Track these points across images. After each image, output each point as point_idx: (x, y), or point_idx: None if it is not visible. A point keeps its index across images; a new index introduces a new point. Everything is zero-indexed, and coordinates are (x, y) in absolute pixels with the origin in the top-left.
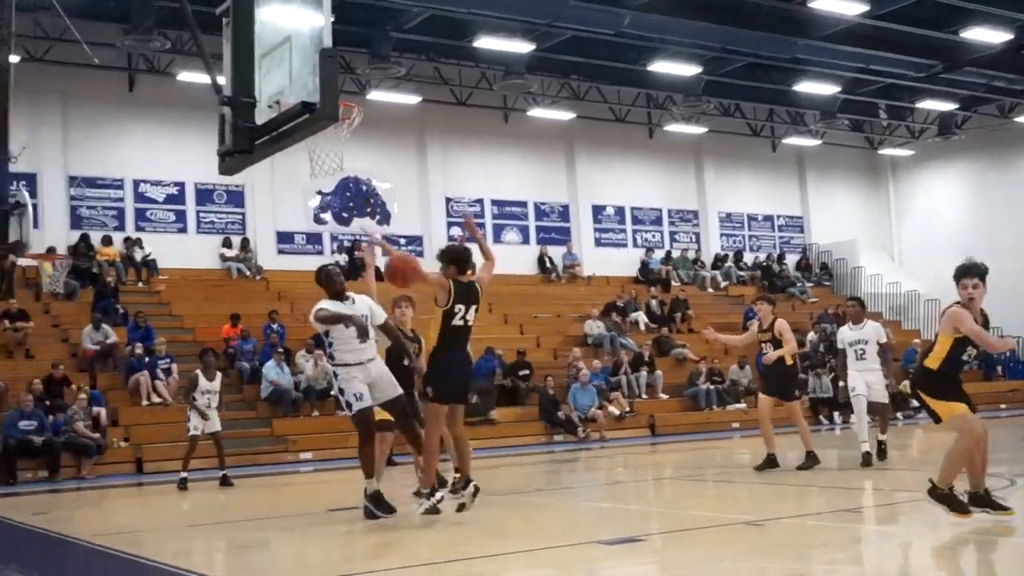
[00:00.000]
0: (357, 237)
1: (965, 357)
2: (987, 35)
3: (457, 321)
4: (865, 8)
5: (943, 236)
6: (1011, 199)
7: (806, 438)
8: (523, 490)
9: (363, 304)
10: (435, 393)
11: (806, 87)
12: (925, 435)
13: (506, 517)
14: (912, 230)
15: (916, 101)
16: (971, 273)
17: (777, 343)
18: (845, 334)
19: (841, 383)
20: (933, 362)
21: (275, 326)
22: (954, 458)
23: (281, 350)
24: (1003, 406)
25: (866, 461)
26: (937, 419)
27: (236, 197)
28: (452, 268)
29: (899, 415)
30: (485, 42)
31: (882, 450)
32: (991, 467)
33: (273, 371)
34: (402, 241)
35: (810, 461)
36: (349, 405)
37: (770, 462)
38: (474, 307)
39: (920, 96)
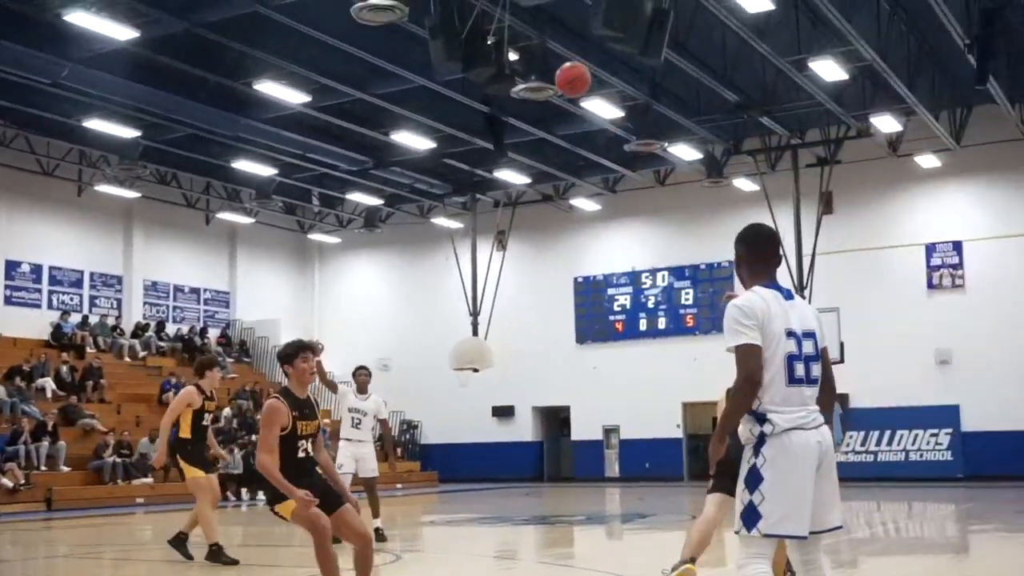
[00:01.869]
0: None
1: None
2: (413, 140)
3: None
4: (307, 99)
5: (361, 320)
6: (422, 293)
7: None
8: None
9: None
10: None
11: (244, 165)
12: None
13: None
14: (333, 313)
15: (346, 192)
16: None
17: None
18: (349, 400)
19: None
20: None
21: None
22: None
23: None
24: (399, 486)
25: (379, 538)
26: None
27: None
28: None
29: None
30: None
31: (380, 535)
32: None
33: None
34: None
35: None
36: None
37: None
38: None
39: (350, 188)
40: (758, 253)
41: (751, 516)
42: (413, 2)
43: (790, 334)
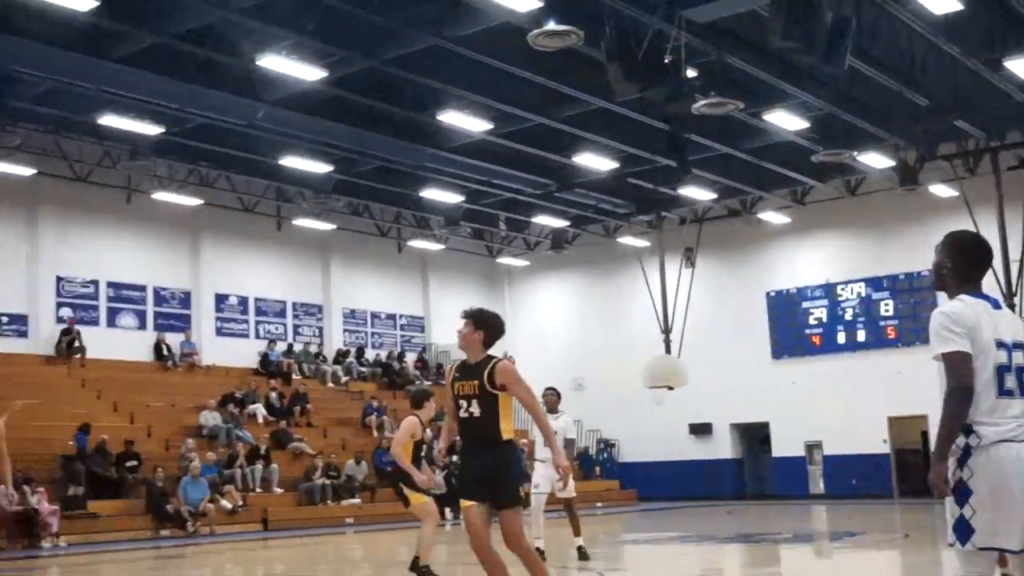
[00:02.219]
0: None
1: None
2: (596, 161)
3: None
4: (489, 126)
5: (552, 341)
6: (612, 312)
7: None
8: None
9: None
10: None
11: (432, 194)
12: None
13: None
14: (524, 335)
15: (532, 216)
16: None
17: None
18: None
19: None
20: None
21: None
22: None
23: None
24: (599, 505)
25: (581, 556)
26: None
27: None
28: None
29: None
30: (110, 120)
31: (583, 553)
32: None
33: None
34: (4, 319)
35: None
36: None
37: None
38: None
39: (536, 211)
40: (971, 261)
41: (964, 530)
42: (588, 26)
43: (1000, 344)
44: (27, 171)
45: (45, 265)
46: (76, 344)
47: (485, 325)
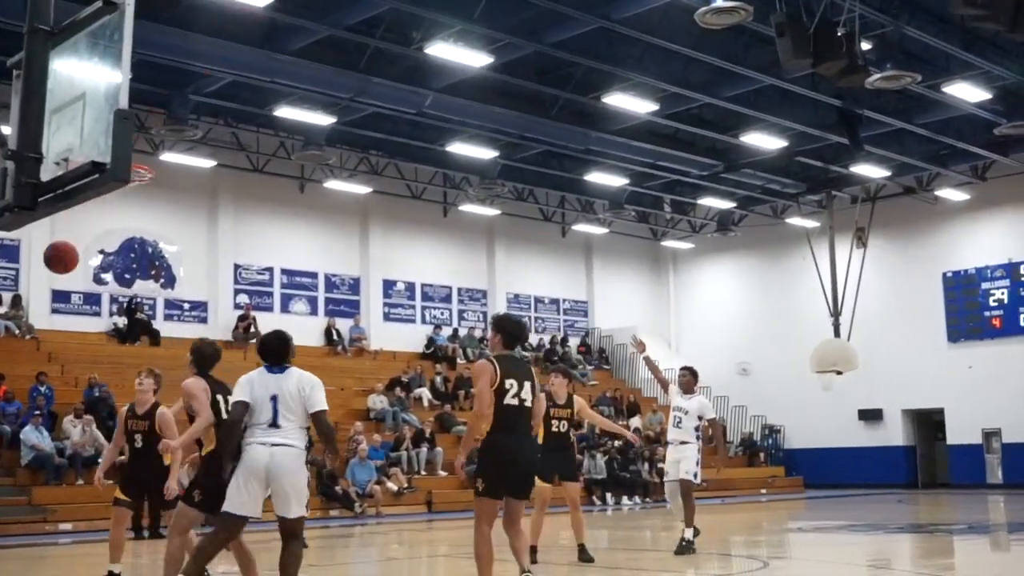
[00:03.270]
0: (138, 299)
1: None
2: (764, 141)
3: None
4: (655, 107)
5: (717, 325)
6: (779, 295)
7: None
8: None
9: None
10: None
11: (597, 177)
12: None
13: None
14: (689, 319)
15: (698, 197)
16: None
17: (574, 421)
18: (674, 399)
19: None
20: None
21: (43, 388)
22: None
23: (37, 412)
24: (763, 491)
25: (680, 549)
26: None
27: (10, 252)
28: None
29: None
30: (285, 112)
31: (680, 546)
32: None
33: (32, 435)
34: (186, 306)
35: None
36: None
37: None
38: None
39: (702, 193)
40: None
41: None
42: (757, 1)
43: None
44: (208, 163)
45: (224, 253)
46: (252, 329)
47: (502, 330)
